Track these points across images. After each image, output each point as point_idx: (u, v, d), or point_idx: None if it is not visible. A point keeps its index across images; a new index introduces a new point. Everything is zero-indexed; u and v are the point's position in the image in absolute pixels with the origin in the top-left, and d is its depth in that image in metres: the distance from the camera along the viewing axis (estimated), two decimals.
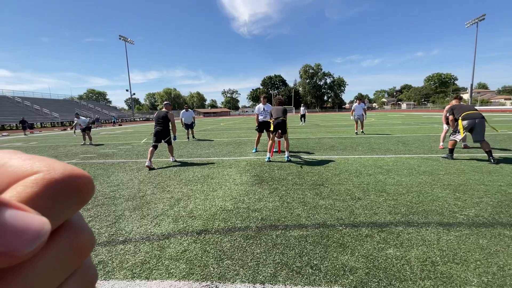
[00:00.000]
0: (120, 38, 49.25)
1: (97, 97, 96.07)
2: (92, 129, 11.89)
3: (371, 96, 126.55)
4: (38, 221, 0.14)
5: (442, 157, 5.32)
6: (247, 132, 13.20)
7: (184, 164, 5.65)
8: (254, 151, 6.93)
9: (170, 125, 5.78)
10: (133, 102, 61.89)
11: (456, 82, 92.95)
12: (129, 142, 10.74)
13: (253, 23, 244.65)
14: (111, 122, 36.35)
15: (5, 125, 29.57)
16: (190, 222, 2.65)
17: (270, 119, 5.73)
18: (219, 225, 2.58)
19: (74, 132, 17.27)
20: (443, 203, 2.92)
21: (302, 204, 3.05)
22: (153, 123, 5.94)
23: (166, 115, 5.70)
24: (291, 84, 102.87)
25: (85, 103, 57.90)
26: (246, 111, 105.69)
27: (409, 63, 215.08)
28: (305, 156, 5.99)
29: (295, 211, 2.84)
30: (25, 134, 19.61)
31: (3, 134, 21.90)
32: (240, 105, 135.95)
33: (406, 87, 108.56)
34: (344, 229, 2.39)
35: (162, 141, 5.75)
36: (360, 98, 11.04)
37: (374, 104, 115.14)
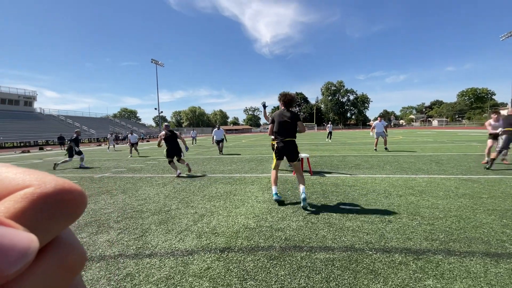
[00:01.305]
0: (152, 62, 53.50)
1: (129, 115, 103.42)
2: (123, 145, 12.82)
3: (398, 113, 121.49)
4: (25, 238, 0.13)
5: (484, 165, 5.99)
6: (268, 149, 13.21)
7: (207, 180, 5.76)
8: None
9: (180, 141, 6.86)
10: (160, 120, 65.58)
11: (494, 97, 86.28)
12: (155, 158, 11.26)
13: (275, 44, 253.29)
14: (140, 139, 38.70)
15: (49, 140, 32.70)
16: (213, 239, 2.65)
17: (272, 135, 3.92)
18: (242, 243, 2.54)
19: (108, 147, 18.60)
20: (488, 231, 2.63)
21: (328, 225, 2.92)
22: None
23: (175, 134, 6.81)
24: (313, 102, 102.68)
25: (118, 120, 62.54)
26: (267, 128, 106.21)
27: (438, 78, 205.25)
28: (329, 175, 5.81)
29: (320, 232, 2.72)
30: (64, 149, 21.44)
31: (47, 149, 24.18)
32: (261, 122, 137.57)
33: (437, 103, 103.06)
34: (375, 254, 2.23)
35: (175, 157, 6.74)
36: (382, 116, 11.10)
37: (401, 121, 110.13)
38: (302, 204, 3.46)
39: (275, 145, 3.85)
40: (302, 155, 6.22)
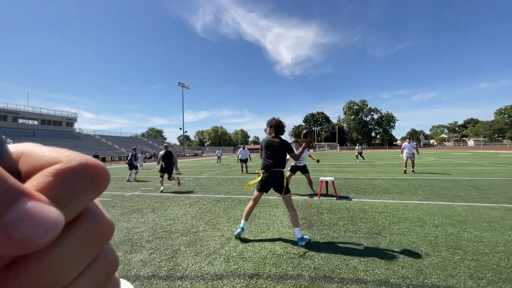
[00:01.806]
0: (179, 85, 57.20)
1: (156, 135, 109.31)
2: (149, 163, 13.58)
3: (427, 132, 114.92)
4: (54, 213, 0.14)
5: None
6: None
7: (231, 201, 5.83)
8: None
9: (173, 160, 8.09)
10: (184, 139, 68.37)
11: None
12: (182, 177, 11.65)
13: (295, 65, 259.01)
14: None
15: None
16: (241, 264, 2.67)
17: (263, 168, 3.51)
18: (270, 270, 2.53)
19: (141, 165, 19.68)
20: None
21: (358, 254, 2.80)
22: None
23: (171, 154, 8.10)
24: (334, 121, 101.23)
25: (145, 139, 66.31)
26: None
27: (471, 96, 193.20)
28: (356, 199, 5.61)
29: (351, 262, 2.62)
30: None
31: None
32: None
33: (472, 121, 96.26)
34: None
35: (167, 173, 7.96)
36: (410, 137, 11.05)
37: (431, 141, 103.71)
38: (298, 244, 3.11)
39: (260, 176, 3.47)
40: (327, 178, 6.12)
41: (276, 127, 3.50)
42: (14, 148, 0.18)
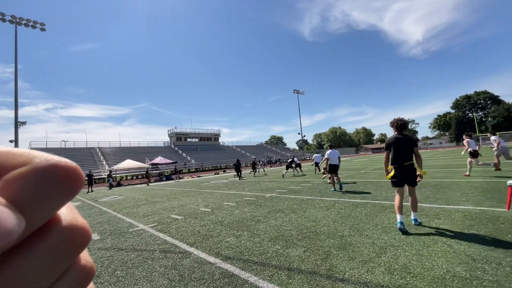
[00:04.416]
0: (294, 92, 59.94)
1: (277, 141, 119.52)
2: (273, 168, 14.99)
3: None
4: (9, 216, 0.14)
5: None
6: (447, 172, 10.32)
7: (372, 207, 5.33)
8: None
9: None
10: (303, 144, 70.33)
11: None
12: (308, 180, 12.01)
13: (430, 39, 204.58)
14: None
15: (227, 165, 44.18)
16: (410, 280, 2.35)
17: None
18: None
19: (255, 173, 21.15)
20: None
21: None
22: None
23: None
24: (508, 100, 70.59)
25: (269, 146, 73.97)
26: (430, 144, 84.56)
27: None
28: None
29: None
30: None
31: (227, 171, 32.53)
32: (419, 136, 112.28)
33: None
34: None
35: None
36: None
37: None
38: (414, 223, 3.89)
39: (392, 172, 3.97)
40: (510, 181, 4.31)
41: (400, 125, 4.04)
42: None
